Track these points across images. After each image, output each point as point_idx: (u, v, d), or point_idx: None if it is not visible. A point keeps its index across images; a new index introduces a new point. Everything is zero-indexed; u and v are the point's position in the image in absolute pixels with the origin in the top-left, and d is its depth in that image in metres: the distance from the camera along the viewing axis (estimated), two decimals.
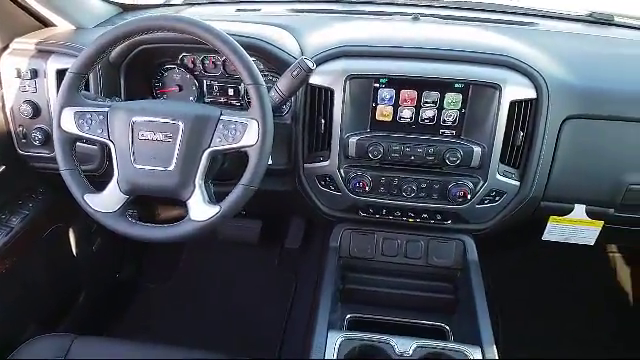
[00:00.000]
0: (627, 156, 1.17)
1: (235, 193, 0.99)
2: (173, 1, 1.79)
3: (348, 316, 1.26)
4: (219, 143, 1.00)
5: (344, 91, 1.15)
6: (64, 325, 1.56)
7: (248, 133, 0.98)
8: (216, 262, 2.02)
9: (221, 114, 1.01)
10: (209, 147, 1.00)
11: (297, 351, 1.57)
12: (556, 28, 1.46)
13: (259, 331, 1.78)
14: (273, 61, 1.20)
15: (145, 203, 1.87)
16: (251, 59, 1.00)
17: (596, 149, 1.17)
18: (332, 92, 1.15)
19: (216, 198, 1.02)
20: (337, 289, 1.29)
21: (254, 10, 1.57)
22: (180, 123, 1.00)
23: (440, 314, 1.28)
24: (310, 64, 1.04)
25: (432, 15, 1.52)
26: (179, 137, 1.00)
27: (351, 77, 1.14)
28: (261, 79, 0.99)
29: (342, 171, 1.21)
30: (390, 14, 1.52)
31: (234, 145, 0.99)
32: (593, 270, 1.99)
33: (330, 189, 1.25)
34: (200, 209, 0.99)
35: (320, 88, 1.16)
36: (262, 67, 1.27)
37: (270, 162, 1.21)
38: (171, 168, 1.00)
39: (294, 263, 1.98)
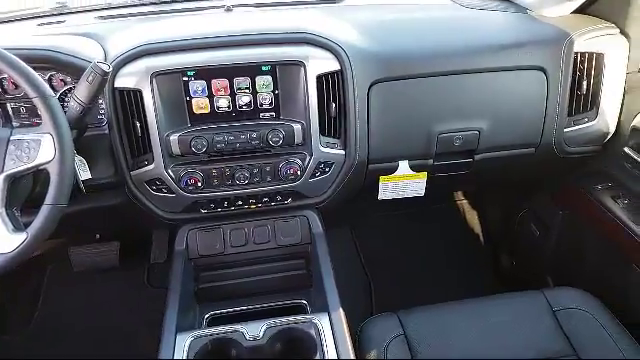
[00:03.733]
0: (432, 108, 1.27)
1: (42, 215, 0.92)
2: None
3: (207, 315, 1.25)
4: (14, 165, 0.92)
5: (153, 90, 1.12)
6: None
7: (43, 149, 0.92)
8: (79, 295, 1.88)
9: (11, 134, 0.94)
10: (3, 172, 0.92)
11: None
12: (360, 2, 1.56)
13: (136, 352, 1.69)
14: (71, 70, 1.14)
15: None
16: (32, 70, 0.93)
17: (404, 107, 1.26)
18: (140, 93, 1.12)
19: None
20: (192, 291, 1.26)
21: (58, 22, 1.47)
22: None
23: (298, 291, 1.32)
24: (105, 67, 0.99)
25: (246, 5, 1.53)
26: None
27: (156, 74, 1.11)
28: (47, 90, 0.93)
29: (170, 171, 1.18)
30: (203, 9, 1.51)
31: (31, 164, 0.93)
32: (447, 219, 2.17)
33: (163, 192, 1.21)
34: (5, 240, 0.91)
35: (127, 90, 1.13)
36: (69, 79, 1.20)
37: (89, 176, 1.16)
38: None
39: (163, 276, 1.91)
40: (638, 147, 1.31)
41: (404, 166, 1.32)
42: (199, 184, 1.19)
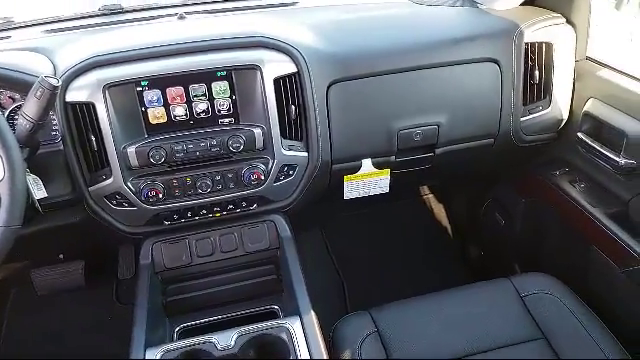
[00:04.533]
0: (390, 105, 1.28)
1: None
2: None
3: (177, 328, 1.22)
4: None
5: (106, 102, 1.09)
6: None
7: None
8: (45, 318, 1.82)
9: None
10: None
11: None
12: (314, 3, 1.56)
13: None
14: (19, 87, 1.09)
15: None
16: None
17: (364, 105, 1.27)
18: (93, 106, 1.09)
19: None
20: (160, 305, 1.24)
21: (4, 38, 1.42)
22: None
23: (270, 296, 1.31)
24: (53, 81, 0.96)
25: (199, 11, 1.52)
26: None
27: (109, 86, 1.09)
28: None
29: (130, 184, 1.16)
30: (155, 18, 1.49)
31: None
32: (415, 214, 2.19)
33: (124, 206, 1.18)
34: None
35: (79, 104, 1.10)
36: (18, 96, 1.16)
37: (45, 195, 1.12)
38: None
39: (132, 292, 1.86)
40: (591, 132, 1.35)
41: (367, 164, 1.33)
42: (160, 195, 1.17)
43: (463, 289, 1.31)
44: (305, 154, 1.25)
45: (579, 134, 1.36)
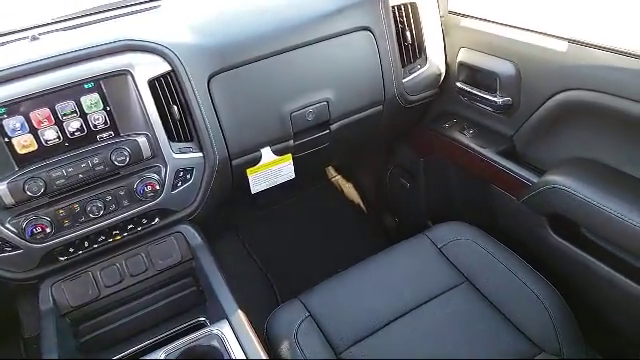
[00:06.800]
0: (276, 89, 1.26)
1: None
2: None
3: None
4: None
5: None
6: None
7: None
8: None
9: None
10: None
11: None
12: (179, 2, 1.50)
13: None
14: None
15: None
16: None
17: (250, 93, 1.24)
18: None
19: None
20: (73, 349, 1.12)
21: None
22: None
23: (195, 309, 1.24)
24: None
25: (54, 30, 1.39)
26: None
27: None
28: None
29: (9, 225, 1.03)
30: (2, 44, 1.34)
31: None
32: (327, 198, 2.20)
33: (8, 251, 1.06)
34: None
35: None
36: None
37: None
38: None
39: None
40: (467, 79, 1.43)
41: (267, 153, 1.30)
42: (48, 230, 1.06)
43: (384, 254, 1.32)
44: (199, 154, 1.19)
45: (458, 84, 1.43)
